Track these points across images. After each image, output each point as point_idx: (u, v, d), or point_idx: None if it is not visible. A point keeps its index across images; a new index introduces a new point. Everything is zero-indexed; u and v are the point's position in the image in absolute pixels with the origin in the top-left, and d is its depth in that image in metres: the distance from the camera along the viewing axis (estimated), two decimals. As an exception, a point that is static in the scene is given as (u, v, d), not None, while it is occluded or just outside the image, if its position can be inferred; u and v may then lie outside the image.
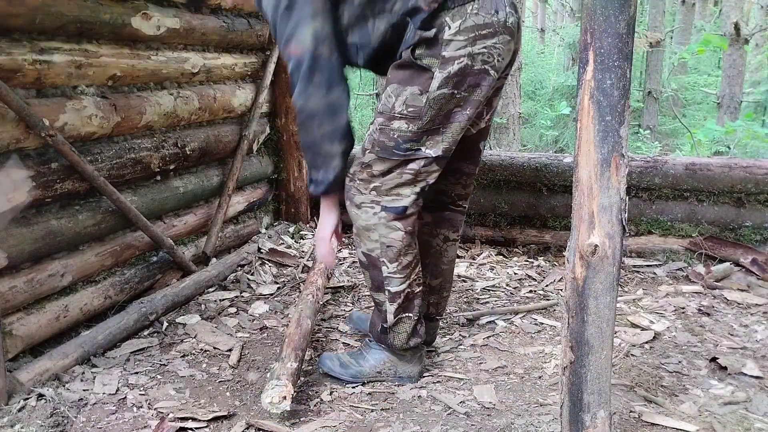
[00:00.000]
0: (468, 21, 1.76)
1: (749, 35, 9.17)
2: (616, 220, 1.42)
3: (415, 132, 1.83)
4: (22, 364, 2.03)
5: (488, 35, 1.79)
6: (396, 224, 1.90)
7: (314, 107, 1.80)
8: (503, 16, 1.80)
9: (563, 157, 3.29)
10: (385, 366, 2.07)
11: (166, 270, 2.74)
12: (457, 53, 1.78)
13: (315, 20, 1.77)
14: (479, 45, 1.78)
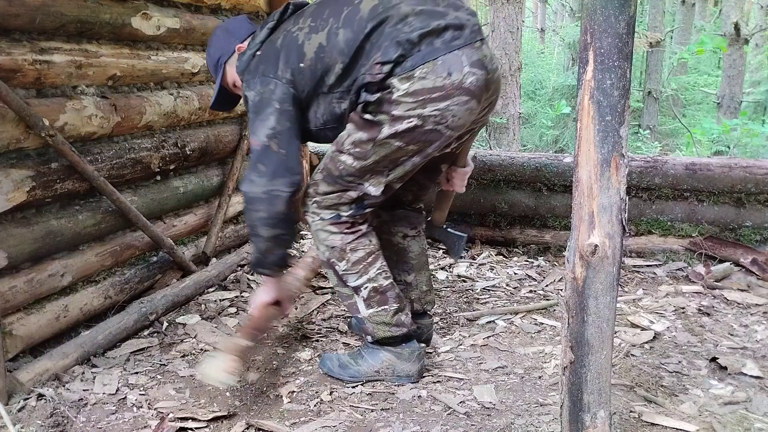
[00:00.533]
0: (416, 84, 1.82)
1: (749, 35, 9.18)
2: (616, 220, 1.42)
3: (359, 169, 1.95)
4: (22, 364, 2.03)
5: (439, 98, 1.84)
6: (332, 228, 2.02)
7: (255, 194, 1.92)
8: (458, 78, 1.83)
9: (563, 157, 3.29)
10: (383, 365, 2.07)
11: (166, 270, 2.74)
12: (407, 113, 1.85)
13: (272, 119, 1.92)
14: (430, 108, 1.85)
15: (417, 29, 1.84)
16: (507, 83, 7.32)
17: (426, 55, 1.83)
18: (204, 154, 2.93)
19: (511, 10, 7.10)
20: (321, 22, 1.94)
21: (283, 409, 1.94)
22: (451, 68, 1.83)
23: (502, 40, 7.15)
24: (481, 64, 1.89)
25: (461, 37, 1.87)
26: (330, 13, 1.95)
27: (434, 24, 1.85)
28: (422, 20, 1.86)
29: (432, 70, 1.83)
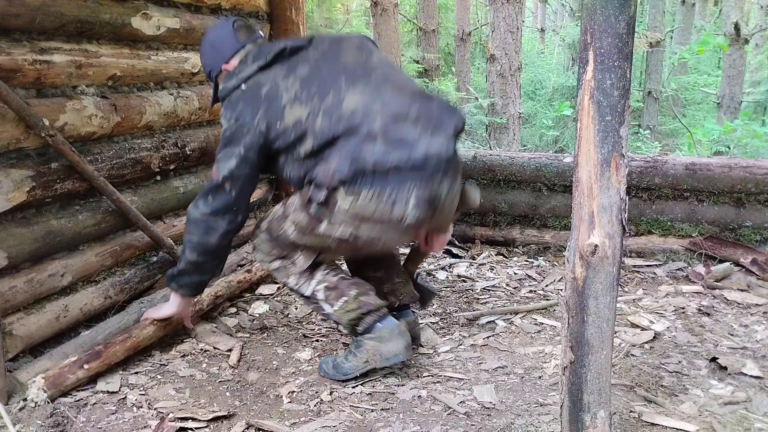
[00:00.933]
0: (358, 205, 1.90)
1: (749, 35, 9.18)
2: (616, 220, 1.42)
3: (294, 242, 2.09)
4: (22, 364, 2.03)
5: (376, 224, 1.94)
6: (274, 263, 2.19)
7: (196, 217, 2.07)
8: (399, 213, 1.89)
9: (563, 157, 3.29)
10: (370, 354, 2.05)
11: (166, 270, 2.73)
12: (343, 227, 1.97)
13: (234, 161, 2.02)
14: (364, 229, 1.96)
15: (377, 157, 1.87)
16: (507, 83, 7.33)
17: (376, 182, 1.88)
18: (204, 154, 2.93)
19: (511, 10, 7.10)
20: (306, 96, 1.97)
21: (283, 409, 1.94)
22: (396, 202, 1.89)
23: (502, 40, 7.15)
24: (430, 203, 1.92)
25: (418, 176, 1.88)
26: (317, 90, 1.97)
27: (395, 157, 1.87)
28: (386, 148, 1.88)
29: (377, 198, 1.89)
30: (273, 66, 2.05)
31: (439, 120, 1.95)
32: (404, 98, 1.97)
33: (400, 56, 8.99)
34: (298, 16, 3.39)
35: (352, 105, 1.94)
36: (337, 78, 1.99)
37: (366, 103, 1.94)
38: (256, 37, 2.21)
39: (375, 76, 2.01)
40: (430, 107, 1.97)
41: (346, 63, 2.05)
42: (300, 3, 3.39)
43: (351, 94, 1.95)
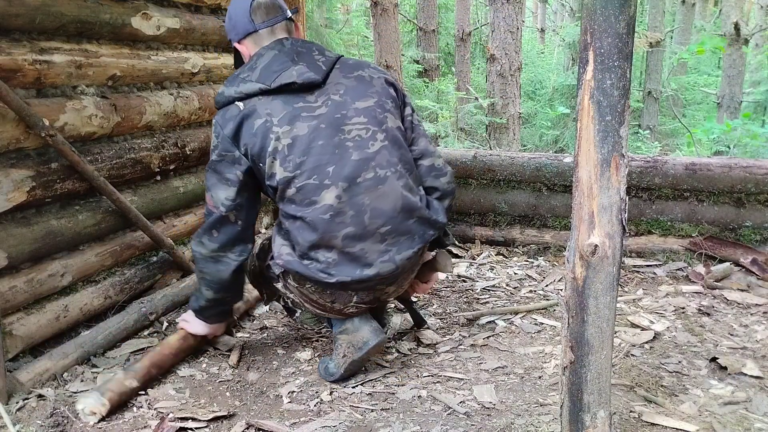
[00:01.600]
0: (305, 291, 2.04)
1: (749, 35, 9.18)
2: (616, 220, 1.42)
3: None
4: (22, 364, 2.03)
5: (320, 308, 2.08)
6: None
7: (203, 254, 2.04)
8: (339, 307, 2.04)
9: (563, 157, 3.28)
10: (344, 347, 2.06)
11: (166, 270, 2.74)
12: (294, 296, 2.10)
13: (230, 189, 1.96)
14: (309, 306, 2.10)
15: (323, 267, 1.95)
16: (507, 83, 7.33)
17: (328, 287, 1.98)
18: (204, 154, 2.93)
19: (511, 10, 7.10)
20: (292, 163, 1.92)
21: (283, 409, 1.94)
22: (336, 300, 2.03)
23: (502, 40, 7.15)
24: (372, 302, 2.07)
25: (363, 288, 1.99)
26: (302, 163, 1.92)
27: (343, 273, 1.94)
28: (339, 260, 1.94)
29: (320, 292, 2.01)
30: (276, 97, 1.94)
31: (411, 235, 2.00)
32: (382, 211, 1.94)
33: (400, 56, 8.99)
34: (298, 16, 3.38)
35: (326, 201, 1.92)
36: (327, 165, 1.92)
37: (339, 209, 1.92)
38: (274, 20, 2.02)
39: (363, 179, 1.94)
40: (406, 222, 1.98)
41: (344, 146, 1.94)
42: (300, 3, 3.39)
43: (329, 192, 1.91)
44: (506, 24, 7.11)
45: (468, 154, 3.36)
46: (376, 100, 2.01)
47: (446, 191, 2.16)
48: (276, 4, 2.07)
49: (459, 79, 10.81)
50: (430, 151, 2.16)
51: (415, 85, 10.74)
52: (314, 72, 1.95)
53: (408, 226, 1.99)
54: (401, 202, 1.97)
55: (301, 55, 1.98)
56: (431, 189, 2.14)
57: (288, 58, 1.96)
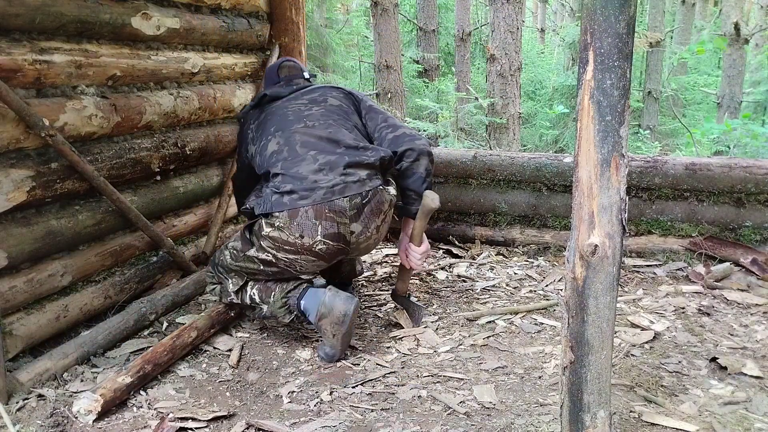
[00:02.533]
0: (274, 232, 2.19)
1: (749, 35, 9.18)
2: (616, 220, 1.42)
3: (228, 266, 2.35)
4: (22, 364, 2.03)
5: (291, 251, 2.21)
6: None
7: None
8: (308, 243, 2.18)
9: (563, 157, 3.28)
10: (329, 329, 2.20)
11: (166, 270, 2.74)
12: (267, 249, 2.22)
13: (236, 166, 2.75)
14: (282, 254, 2.21)
15: (279, 185, 2.21)
16: (507, 83, 7.33)
17: (275, 207, 2.18)
18: (204, 154, 2.93)
19: (511, 10, 7.10)
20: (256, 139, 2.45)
21: (283, 409, 1.94)
22: (304, 232, 2.17)
23: (502, 40, 7.15)
24: (338, 237, 2.21)
25: (311, 196, 2.17)
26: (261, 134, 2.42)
27: (288, 186, 2.20)
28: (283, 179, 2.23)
29: (287, 226, 2.17)
30: (257, 108, 2.55)
31: (341, 157, 2.25)
32: (309, 141, 2.30)
33: (400, 56, 8.99)
34: (298, 16, 3.39)
35: (270, 149, 2.34)
36: (270, 128, 2.39)
37: (279, 149, 2.31)
38: (293, 76, 2.66)
39: (294, 128, 2.35)
40: (333, 149, 2.28)
41: (285, 114, 2.42)
42: (300, 3, 3.39)
43: (271, 143, 2.35)
44: (506, 24, 7.11)
45: (468, 154, 3.36)
46: (320, 93, 2.53)
47: (422, 150, 2.40)
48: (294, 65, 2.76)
49: (459, 79, 10.81)
50: (399, 125, 2.50)
51: (415, 85, 10.74)
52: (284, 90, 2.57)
53: (336, 152, 2.27)
54: (326, 137, 2.32)
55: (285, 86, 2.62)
56: (407, 151, 2.39)
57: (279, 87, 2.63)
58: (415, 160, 2.38)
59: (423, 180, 2.38)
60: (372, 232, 2.30)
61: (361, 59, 11.11)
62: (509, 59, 7.20)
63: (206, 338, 2.35)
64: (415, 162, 2.38)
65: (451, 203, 3.40)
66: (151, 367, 2.05)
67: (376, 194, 2.27)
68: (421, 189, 2.38)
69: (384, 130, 2.47)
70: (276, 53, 3.35)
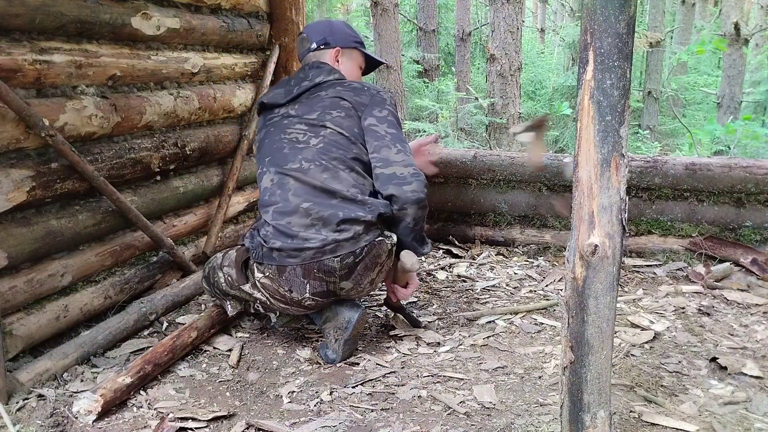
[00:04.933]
0: (265, 281, 2.18)
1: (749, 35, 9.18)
2: (616, 220, 1.42)
3: (225, 291, 2.31)
4: (22, 364, 2.03)
5: (281, 301, 2.21)
6: None
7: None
8: (297, 297, 2.17)
9: (563, 157, 3.29)
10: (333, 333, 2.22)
11: (166, 270, 2.74)
12: (261, 292, 2.21)
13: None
14: (275, 301, 2.22)
15: (269, 237, 2.17)
16: (507, 83, 7.33)
17: (264, 258, 2.16)
18: (204, 154, 2.93)
19: (511, 10, 7.10)
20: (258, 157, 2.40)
21: (283, 409, 1.94)
22: (293, 288, 2.15)
23: (502, 40, 7.15)
24: (327, 294, 2.18)
25: (300, 255, 2.12)
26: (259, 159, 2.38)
27: (275, 244, 2.14)
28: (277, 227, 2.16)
29: (277, 278, 2.15)
30: (263, 111, 2.52)
31: (335, 213, 2.14)
32: (304, 190, 2.20)
33: (400, 56, 8.99)
34: (298, 16, 3.39)
35: (264, 185, 2.30)
36: (266, 158, 2.33)
37: (271, 191, 2.25)
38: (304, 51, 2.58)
39: (289, 167, 2.25)
40: (328, 201, 2.17)
41: (281, 144, 2.32)
42: (300, 3, 3.39)
43: (266, 177, 2.30)
44: (506, 24, 7.12)
45: (468, 154, 3.36)
46: (320, 113, 2.33)
47: (409, 200, 2.20)
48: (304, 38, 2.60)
49: (459, 79, 10.82)
50: (392, 160, 2.25)
51: (415, 85, 10.74)
52: (281, 97, 2.44)
53: (331, 205, 2.16)
54: (321, 186, 2.20)
55: (292, 80, 2.48)
56: (393, 197, 2.21)
57: (283, 86, 2.49)
58: (401, 209, 2.21)
59: (410, 230, 2.24)
60: (365, 286, 2.22)
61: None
62: (509, 59, 7.20)
63: (206, 338, 2.35)
64: (401, 211, 2.21)
65: (451, 203, 3.40)
66: (151, 367, 2.05)
67: (372, 249, 2.15)
68: (408, 239, 2.26)
69: (375, 162, 2.26)
70: (276, 53, 3.35)
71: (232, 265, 2.27)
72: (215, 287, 2.34)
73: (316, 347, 2.34)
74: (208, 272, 2.38)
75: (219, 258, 2.36)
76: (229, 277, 2.27)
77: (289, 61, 3.40)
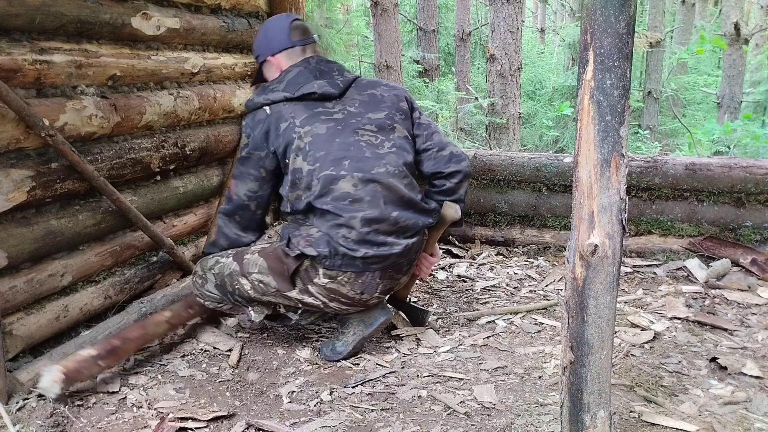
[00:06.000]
0: (334, 285, 2.13)
1: (749, 35, 9.18)
2: (616, 220, 1.42)
3: (251, 298, 2.21)
4: (22, 364, 2.03)
5: (345, 303, 2.19)
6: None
7: (226, 234, 2.33)
8: (366, 298, 2.19)
9: (563, 157, 3.29)
10: (355, 326, 2.25)
11: (166, 270, 2.74)
12: (316, 296, 2.16)
13: (255, 183, 2.25)
14: (334, 304, 2.18)
15: (347, 249, 2.09)
16: (507, 83, 7.33)
17: (344, 267, 2.11)
18: (204, 154, 2.93)
19: (511, 10, 7.11)
20: (312, 157, 2.15)
21: (283, 409, 1.94)
22: (365, 290, 2.17)
23: (502, 40, 7.16)
24: (389, 291, 2.27)
25: (384, 262, 2.14)
26: (322, 158, 2.15)
27: (361, 253, 2.09)
28: (356, 243, 2.09)
29: (351, 282, 2.14)
30: (298, 103, 2.21)
31: (415, 222, 2.20)
32: (392, 199, 2.16)
33: (400, 56, 8.99)
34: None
35: (343, 189, 2.13)
36: (343, 160, 2.15)
37: (356, 196, 2.13)
38: (308, 40, 2.34)
39: (376, 172, 2.15)
40: (409, 212, 2.20)
41: (359, 145, 2.18)
42: (300, 3, 3.39)
43: (345, 181, 2.13)
44: (506, 24, 7.12)
45: (468, 154, 3.36)
46: (387, 113, 2.27)
47: (467, 173, 2.38)
48: (306, 27, 2.40)
49: (459, 79, 10.82)
50: (446, 142, 2.39)
51: (415, 85, 10.74)
52: (332, 87, 2.24)
53: (411, 215, 2.21)
54: (406, 196, 2.20)
55: (323, 73, 2.26)
56: (454, 173, 2.34)
57: (311, 74, 2.24)
58: (459, 183, 2.35)
59: (461, 200, 2.38)
60: (408, 275, 2.36)
61: (361, 59, 11.12)
62: (509, 59, 7.21)
63: (184, 318, 2.36)
64: (459, 184, 2.35)
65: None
66: (119, 341, 2.07)
67: (421, 245, 2.32)
68: (460, 204, 2.39)
69: (431, 147, 2.35)
70: (276, 53, 3.34)
71: (267, 272, 2.15)
72: (234, 295, 2.22)
73: (317, 347, 2.34)
74: (218, 283, 2.23)
75: (229, 266, 2.21)
76: (260, 284, 2.16)
77: (289, 61, 3.40)
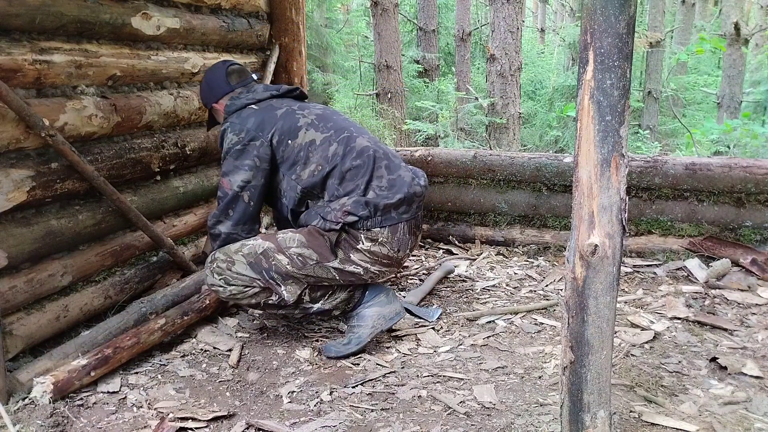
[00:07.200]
0: (376, 247, 2.22)
1: (749, 35, 9.18)
2: (616, 220, 1.42)
3: (287, 273, 2.20)
4: (22, 364, 2.03)
5: (386, 264, 2.28)
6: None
7: (218, 232, 2.30)
8: (402, 255, 2.32)
9: (563, 157, 3.28)
10: (374, 319, 2.29)
11: (166, 270, 2.74)
12: (359, 262, 2.23)
13: (249, 173, 2.26)
14: (376, 267, 2.26)
15: (383, 198, 2.22)
16: (507, 83, 7.33)
17: (384, 221, 2.22)
18: (204, 154, 2.93)
19: (511, 10, 7.10)
20: (323, 127, 2.31)
21: (283, 409, 1.94)
22: (401, 247, 2.28)
23: (502, 40, 7.15)
24: (413, 248, 2.38)
25: (409, 211, 2.28)
26: (332, 127, 2.32)
27: (397, 197, 2.23)
28: (389, 189, 2.24)
29: (389, 241, 2.24)
30: (285, 98, 2.42)
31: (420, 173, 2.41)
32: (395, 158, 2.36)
33: (400, 56, 8.99)
34: (298, 16, 3.39)
35: (363, 143, 2.30)
36: (348, 126, 2.36)
37: (374, 149, 2.31)
38: (247, 80, 2.47)
39: (372, 137, 2.40)
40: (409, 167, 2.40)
41: (347, 119, 2.43)
42: (300, 3, 3.39)
43: (360, 138, 2.33)
44: (506, 24, 7.12)
45: (468, 154, 3.36)
46: (321, 107, 2.48)
47: None
48: (243, 69, 2.52)
49: (459, 79, 10.82)
50: None
51: (415, 85, 10.74)
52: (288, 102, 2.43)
53: (402, 165, 2.38)
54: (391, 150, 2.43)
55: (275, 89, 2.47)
56: None
57: (275, 87, 2.47)
58: None
59: None
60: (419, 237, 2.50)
61: (361, 59, 11.12)
62: (509, 59, 7.21)
63: (180, 325, 2.35)
64: None
65: (451, 203, 3.40)
66: (111, 350, 2.07)
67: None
68: None
69: None
70: (276, 53, 3.35)
71: (307, 245, 2.19)
72: (270, 271, 2.19)
73: (317, 347, 2.34)
74: (251, 262, 2.20)
75: (262, 243, 2.21)
76: (299, 258, 2.18)
77: (289, 61, 3.41)
